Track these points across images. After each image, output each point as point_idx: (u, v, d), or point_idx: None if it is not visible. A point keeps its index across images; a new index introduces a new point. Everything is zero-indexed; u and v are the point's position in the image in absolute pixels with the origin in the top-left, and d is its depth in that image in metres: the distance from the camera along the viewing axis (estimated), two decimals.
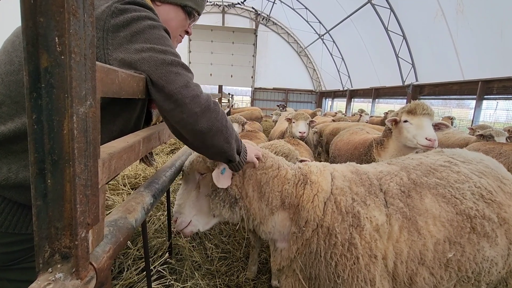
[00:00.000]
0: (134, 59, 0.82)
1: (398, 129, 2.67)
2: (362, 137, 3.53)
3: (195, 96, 0.84)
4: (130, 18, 0.85)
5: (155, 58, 0.82)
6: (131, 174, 3.39)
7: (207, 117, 0.88)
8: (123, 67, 0.81)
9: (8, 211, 0.83)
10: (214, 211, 1.30)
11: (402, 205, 1.27)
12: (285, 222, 1.31)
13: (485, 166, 1.54)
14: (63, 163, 0.44)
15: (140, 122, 1.14)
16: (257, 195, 1.28)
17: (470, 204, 1.31)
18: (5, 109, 0.82)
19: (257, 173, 1.29)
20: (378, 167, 1.54)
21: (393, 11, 10.46)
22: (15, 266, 0.88)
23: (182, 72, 0.85)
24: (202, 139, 0.92)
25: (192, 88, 0.85)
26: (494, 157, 3.05)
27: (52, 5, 0.39)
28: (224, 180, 1.20)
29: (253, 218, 1.31)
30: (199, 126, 0.87)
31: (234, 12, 19.97)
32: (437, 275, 1.22)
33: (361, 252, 1.18)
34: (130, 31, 0.84)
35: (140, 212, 0.82)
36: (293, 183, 1.32)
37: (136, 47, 0.83)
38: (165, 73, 0.82)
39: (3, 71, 0.84)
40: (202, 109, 0.85)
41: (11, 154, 0.82)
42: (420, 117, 2.52)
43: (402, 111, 2.68)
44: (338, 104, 18.84)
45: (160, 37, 0.88)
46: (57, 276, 0.46)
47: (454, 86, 8.91)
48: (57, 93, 0.42)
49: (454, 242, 1.24)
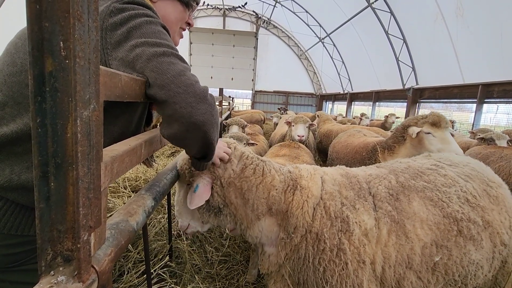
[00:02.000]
0: (130, 57, 0.79)
1: (418, 139, 2.60)
2: (361, 140, 3.51)
3: (190, 85, 0.77)
4: (128, 16, 0.84)
5: (147, 52, 0.78)
6: (132, 177, 3.40)
7: (202, 109, 0.79)
8: (123, 66, 0.80)
9: (11, 213, 0.83)
10: (203, 219, 1.32)
11: (391, 208, 1.27)
12: (273, 227, 1.30)
13: (471, 169, 1.55)
14: (66, 166, 0.44)
15: (141, 124, 1.15)
16: (240, 201, 1.27)
17: (457, 208, 1.32)
18: (8, 110, 0.83)
19: (235, 181, 1.25)
20: (367, 170, 1.54)
21: (393, 14, 10.51)
22: (16, 268, 0.88)
23: (176, 61, 0.79)
24: (193, 133, 0.82)
25: (188, 76, 0.78)
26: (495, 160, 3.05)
27: (57, 10, 0.40)
28: (196, 198, 1.18)
29: (240, 223, 1.31)
30: (193, 118, 0.78)
31: (235, 15, 20.08)
32: (424, 279, 1.21)
33: (350, 257, 1.17)
34: (126, 28, 0.83)
35: (141, 215, 0.82)
36: (281, 189, 1.29)
37: (132, 44, 0.81)
38: (156, 64, 0.77)
39: (6, 73, 0.84)
40: (197, 99, 0.78)
41: (14, 156, 0.83)
42: (444, 130, 2.49)
43: (423, 121, 2.61)
44: (338, 107, 18.85)
45: (156, 32, 0.85)
46: (59, 279, 0.46)
47: (455, 89, 8.92)
48: (61, 97, 0.42)
49: (441, 245, 1.24)
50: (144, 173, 3.59)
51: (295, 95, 21.09)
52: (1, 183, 0.81)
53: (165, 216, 2.75)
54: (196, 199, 1.18)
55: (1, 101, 0.83)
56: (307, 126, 3.89)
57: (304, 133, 3.79)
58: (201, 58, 19.15)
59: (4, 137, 0.81)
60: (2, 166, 0.82)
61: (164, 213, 2.82)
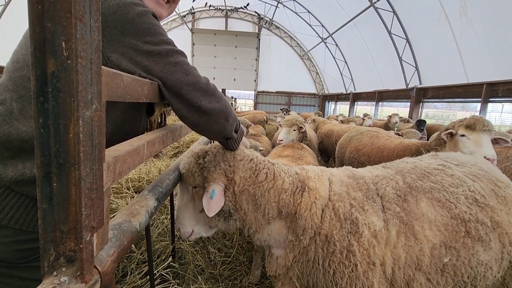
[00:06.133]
0: (133, 54, 0.84)
1: (454, 142, 2.57)
2: (396, 142, 3.35)
3: (196, 82, 0.92)
4: (116, 6, 0.82)
5: (151, 50, 0.85)
6: (135, 178, 3.40)
7: (208, 99, 0.95)
8: (123, 61, 0.83)
9: (24, 209, 0.85)
10: (210, 223, 1.29)
11: (399, 209, 1.26)
12: (282, 230, 1.28)
13: (479, 169, 1.53)
14: (68, 167, 0.44)
15: (142, 112, 1.14)
16: (252, 207, 1.25)
17: (464, 208, 1.30)
18: (15, 105, 0.85)
19: (249, 188, 1.24)
20: (374, 171, 1.52)
21: (396, 14, 10.46)
22: (26, 264, 0.89)
23: (179, 59, 0.90)
24: (206, 119, 0.98)
25: (192, 74, 0.92)
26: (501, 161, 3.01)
27: (59, 10, 0.40)
28: (214, 204, 1.16)
29: (249, 227, 1.29)
30: (204, 107, 0.94)
31: (237, 16, 20.12)
32: (433, 281, 1.20)
33: (359, 259, 1.16)
34: (118, 20, 0.82)
35: (144, 215, 0.82)
36: (290, 192, 1.28)
37: (131, 41, 0.83)
38: (164, 64, 0.87)
39: (11, 70, 0.88)
40: (202, 93, 0.93)
41: (23, 153, 0.85)
42: (480, 133, 2.43)
43: (459, 124, 2.58)
44: (341, 108, 18.79)
45: (151, 26, 0.87)
46: (62, 280, 0.46)
47: (459, 89, 8.85)
48: (64, 97, 0.42)
49: (449, 246, 1.22)
50: (147, 174, 3.60)
51: (298, 95, 21.07)
52: (15, 178, 0.83)
53: (168, 216, 2.76)
54: (214, 206, 1.15)
55: (8, 97, 0.86)
56: (294, 130, 3.83)
57: (285, 137, 3.78)
58: (203, 59, 19.21)
59: (14, 135, 0.83)
60: (15, 162, 0.84)
61: (167, 213, 2.83)
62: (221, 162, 1.24)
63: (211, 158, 1.25)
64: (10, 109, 0.85)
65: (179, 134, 1.43)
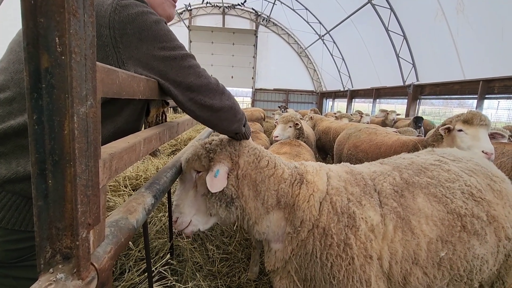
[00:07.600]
0: (149, 59, 0.90)
1: (451, 137, 2.58)
2: (394, 138, 3.37)
3: (208, 84, 1.01)
4: (135, 14, 0.88)
5: (167, 55, 0.92)
6: (132, 175, 3.40)
7: (218, 98, 1.04)
8: (138, 67, 0.89)
9: (15, 208, 0.84)
10: (211, 210, 1.28)
11: (396, 204, 1.28)
12: (280, 222, 1.30)
13: (475, 164, 1.55)
14: (64, 164, 0.44)
15: (142, 116, 1.18)
16: (252, 194, 1.28)
17: (460, 203, 1.33)
18: (15, 106, 0.85)
19: (251, 173, 1.29)
20: (371, 167, 1.55)
21: (393, 11, 10.46)
22: (20, 264, 0.88)
23: (192, 63, 0.98)
24: (217, 116, 1.08)
25: (204, 76, 1.00)
26: (496, 156, 3.04)
27: (52, 5, 0.39)
28: (218, 182, 1.20)
29: (248, 218, 1.30)
30: (215, 106, 1.04)
31: (234, 13, 20.00)
32: (430, 275, 1.22)
33: (356, 252, 1.17)
34: (137, 28, 0.88)
35: (141, 212, 0.82)
36: (289, 182, 1.32)
37: (149, 47, 0.89)
38: (179, 68, 0.95)
39: (12, 70, 0.87)
40: (214, 93, 1.03)
41: (19, 149, 0.84)
42: (477, 127, 2.44)
43: (457, 119, 2.59)
44: (339, 105, 18.81)
45: (167, 33, 0.94)
46: (58, 277, 0.45)
47: (455, 85, 8.88)
48: (58, 93, 0.42)
49: (446, 241, 1.24)
50: (145, 171, 3.59)
51: (295, 93, 21.05)
52: (8, 176, 0.82)
53: (165, 214, 2.76)
54: (218, 183, 1.20)
55: (9, 97, 0.85)
56: (290, 126, 3.85)
57: (280, 133, 3.81)
58: (200, 57, 19.06)
59: (10, 129, 0.83)
60: (8, 160, 0.83)
61: (165, 211, 2.83)
62: (227, 145, 1.33)
63: (218, 143, 1.35)
64: (9, 110, 0.85)
65: (176, 131, 1.43)
